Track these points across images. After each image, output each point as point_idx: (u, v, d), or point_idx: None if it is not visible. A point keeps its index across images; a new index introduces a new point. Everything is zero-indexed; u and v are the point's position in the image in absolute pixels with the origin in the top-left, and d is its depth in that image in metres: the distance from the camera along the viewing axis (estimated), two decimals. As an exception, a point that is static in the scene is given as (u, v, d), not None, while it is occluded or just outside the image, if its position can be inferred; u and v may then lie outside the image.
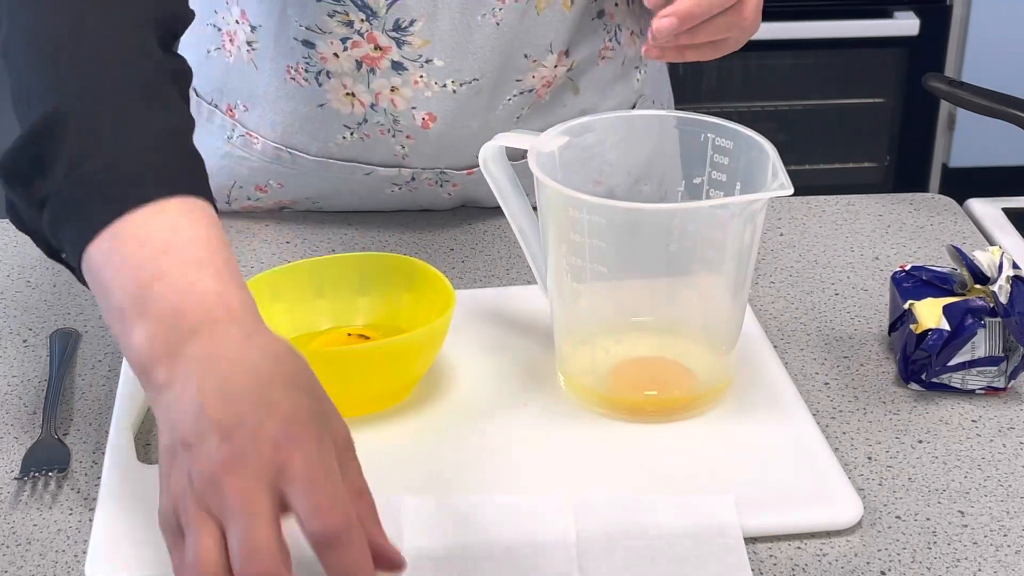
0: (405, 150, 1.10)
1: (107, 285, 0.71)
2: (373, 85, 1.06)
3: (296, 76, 1.08)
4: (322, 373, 0.72)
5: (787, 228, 1.17)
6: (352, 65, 1.06)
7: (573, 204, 0.84)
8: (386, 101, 1.07)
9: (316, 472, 0.65)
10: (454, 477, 0.85)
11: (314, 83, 1.08)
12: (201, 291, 0.69)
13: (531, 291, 1.01)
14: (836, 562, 0.80)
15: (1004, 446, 0.90)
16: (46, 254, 0.79)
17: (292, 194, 1.17)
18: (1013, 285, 0.92)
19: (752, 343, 0.97)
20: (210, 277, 0.70)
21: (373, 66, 1.05)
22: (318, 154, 1.12)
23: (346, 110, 1.09)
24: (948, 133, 2.78)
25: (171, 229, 0.71)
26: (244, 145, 1.14)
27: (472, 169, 1.13)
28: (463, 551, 0.78)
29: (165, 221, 0.72)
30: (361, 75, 1.06)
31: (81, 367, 0.98)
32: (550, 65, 1.08)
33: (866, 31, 2.66)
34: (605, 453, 0.87)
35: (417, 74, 1.05)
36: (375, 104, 1.07)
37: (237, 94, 1.13)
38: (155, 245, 0.70)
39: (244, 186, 1.17)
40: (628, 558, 0.77)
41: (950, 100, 1.24)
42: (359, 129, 1.10)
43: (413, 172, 1.13)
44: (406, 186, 1.14)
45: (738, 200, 0.86)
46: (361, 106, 1.08)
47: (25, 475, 0.86)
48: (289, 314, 0.94)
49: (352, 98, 1.08)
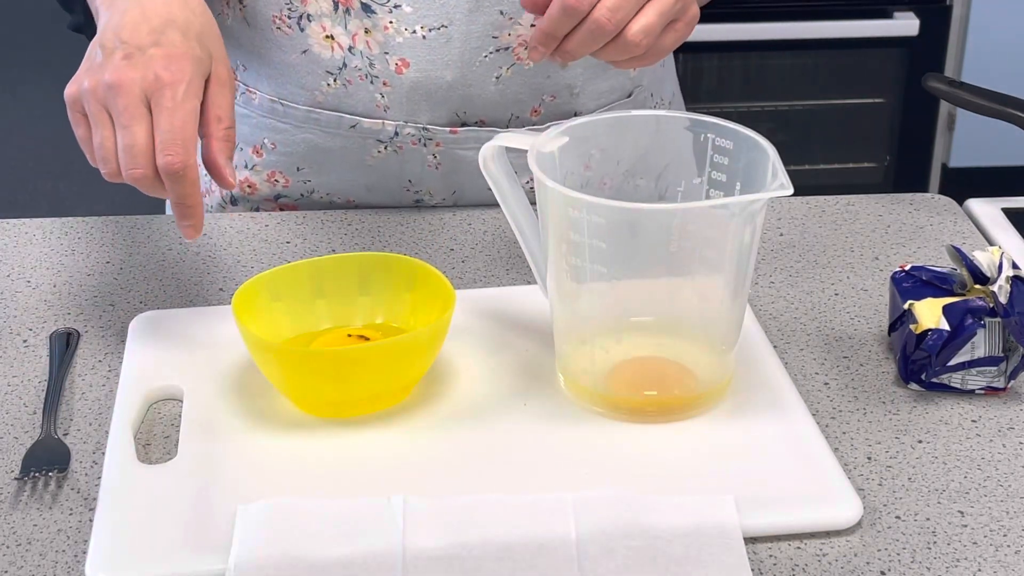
0: (385, 100, 1.13)
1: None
2: (349, 26, 1.11)
3: (282, 25, 1.13)
4: (322, 373, 0.74)
5: (787, 228, 1.17)
6: (329, 5, 1.10)
7: (573, 204, 0.84)
8: (362, 43, 1.11)
9: (175, 106, 0.88)
10: (454, 477, 0.85)
11: (296, 29, 1.12)
12: None
13: (531, 291, 1.01)
14: (836, 562, 0.80)
15: (1004, 446, 0.90)
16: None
17: (283, 159, 1.19)
18: (1013, 285, 0.92)
19: (752, 343, 0.97)
20: None
21: (348, 6, 1.10)
22: (306, 103, 1.16)
23: (326, 54, 1.13)
24: (948, 133, 2.78)
25: None
26: (245, 103, 1.19)
27: (456, 128, 1.15)
28: (463, 551, 0.78)
29: None
30: (338, 16, 1.10)
31: (81, 367, 0.98)
32: (526, 24, 1.10)
33: (866, 31, 2.66)
34: (605, 453, 0.87)
35: (387, 19, 1.09)
36: (352, 47, 1.11)
37: (236, 54, 1.18)
38: None
39: (244, 148, 1.21)
40: (628, 558, 0.77)
41: (950, 100, 1.24)
42: (340, 75, 1.13)
43: (396, 126, 1.15)
44: (390, 144, 1.16)
45: (738, 200, 0.86)
46: (340, 49, 1.12)
47: (25, 475, 0.86)
48: (289, 314, 0.94)
49: (331, 41, 1.12)
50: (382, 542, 0.78)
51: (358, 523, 0.79)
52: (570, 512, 0.80)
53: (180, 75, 0.89)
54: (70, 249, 1.14)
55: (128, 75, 0.88)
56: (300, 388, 0.89)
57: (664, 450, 0.87)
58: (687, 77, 2.68)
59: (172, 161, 0.87)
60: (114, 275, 1.10)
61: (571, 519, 0.80)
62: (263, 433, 0.88)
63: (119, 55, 0.89)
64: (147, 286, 1.08)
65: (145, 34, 0.90)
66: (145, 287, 1.08)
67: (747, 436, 0.88)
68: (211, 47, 0.93)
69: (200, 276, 1.09)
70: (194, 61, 0.90)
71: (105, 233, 1.16)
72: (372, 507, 0.81)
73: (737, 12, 2.62)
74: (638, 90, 1.19)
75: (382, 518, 0.80)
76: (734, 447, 0.87)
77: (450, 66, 1.11)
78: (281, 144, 1.19)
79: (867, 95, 2.75)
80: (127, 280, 1.09)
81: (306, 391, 0.89)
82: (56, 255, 1.13)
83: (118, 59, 0.89)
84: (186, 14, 0.93)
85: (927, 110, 2.73)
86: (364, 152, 1.17)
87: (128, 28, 0.91)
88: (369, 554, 0.77)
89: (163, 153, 0.87)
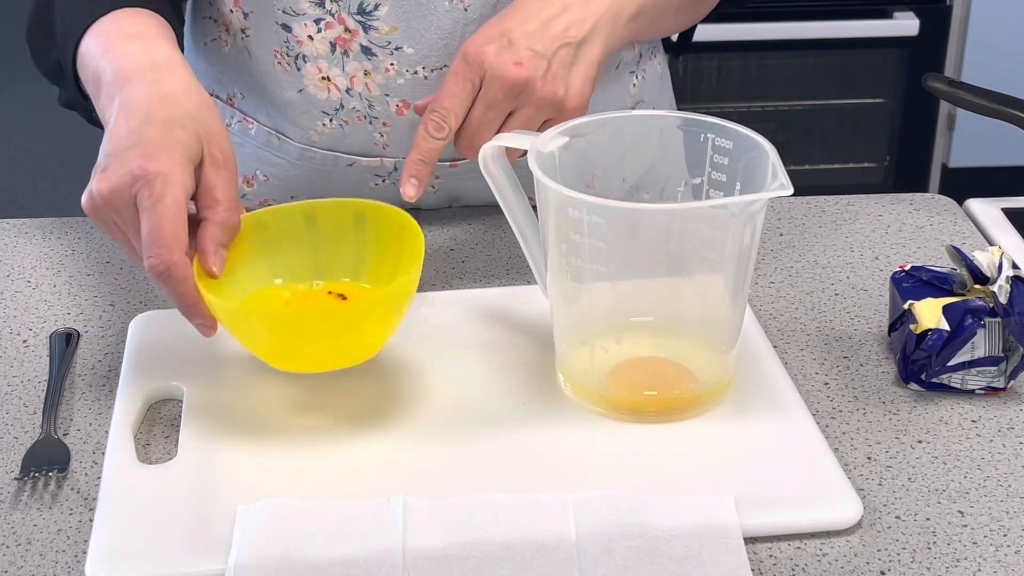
0: (384, 139, 1.12)
1: (89, 69, 0.96)
2: (347, 68, 1.08)
3: (281, 61, 1.11)
4: (284, 333, 0.87)
5: (787, 228, 1.17)
6: (327, 48, 1.08)
7: (573, 204, 0.84)
8: (360, 85, 1.09)
9: (152, 204, 0.85)
10: (454, 477, 0.85)
11: (293, 68, 1.10)
12: (132, 51, 0.94)
13: (531, 291, 1.01)
14: (836, 562, 0.80)
15: (1004, 446, 0.90)
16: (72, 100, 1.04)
17: (277, 191, 1.18)
18: (1013, 285, 0.92)
19: (752, 343, 0.97)
20: (138, 42, 0.95)
21: (346, 48, 1.07)
22: (301, 141, 1.14)
23: (322, 95, 1.10)
24: (948, 133, 2.78)
25: (115, 23, 0.97)
26: (241, 131, 1.17)
27: (455, 162, 1.13)
28: (463, 551, 0.78)
29: (112, 20, 0.98)
30: (335, 58, 1.08)
31: (81, 367, 0.98)
32: None
33: (866, 31, 2.66)
34: (605, 453, 0.87)
35: (388, 61, 1.07)
36: (350, 88, 1.09)
37: (234, 82, 1.16)
38: (105, 34, 0.97)
39: None
40: (628, 558, 0.77)
41: (950, 100, 1.24)
42: (337, 116, 1.11)
43: (395, 162, 1.14)
44: (389, 177, 1.15)
45: (738, 200, 0.86)
46: (336, 91, 1.10)
47: (25, 475, 0.86)
48: (269, 261, 0.94)
49: (327, 82, 1.09)
50: (382, 543, 0.78)
51: (358, 524, 0.79)
52: (570, 512, 0.80)
53: (155, 169, 0.85)
54: (70, 249, 1.14)
55: (109, 185, 0.86)
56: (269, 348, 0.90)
57: (664, 450, 0.87)
58: (687, 77, 2.68)
59: (153, 263, 0.84)
60: (114, 275, 1.10)
61: (571, 519, 0.80)
62: (263, 433, 0.88)
63: (103, 165, 0.88)
64: (147, 286, 1.08)
65: (124, 136, 0.88)
66: (145, 287, 1.08)
67: (747, 436, 0.88)
68: (202, 129, 0.90)
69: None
70: (174, 150, 0.87)
71: (105, 233, 1.16)
72: (372, 508, 0.81)
73: (737, 12, 2.62)
74: (639, 105, 1.19)
75: (382, 519, 0.80)
76: (734, 447, 0.87)
77: None
78: (275, 177, 1.17)
79: (867, 95, 2.75)
80: (127, 280, 1.09)
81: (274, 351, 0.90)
82: (56, 255, 1.13)
83: (102, 170, 0.87)
84: (168, 104, 0.90)
85: (927, 110, 2.73)
86: (362, 184, 1.16)
87: (112, 138, 0.89)
88: (369, 555, 0.77)
89: (145, 256, 0.85)
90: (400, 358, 0.96)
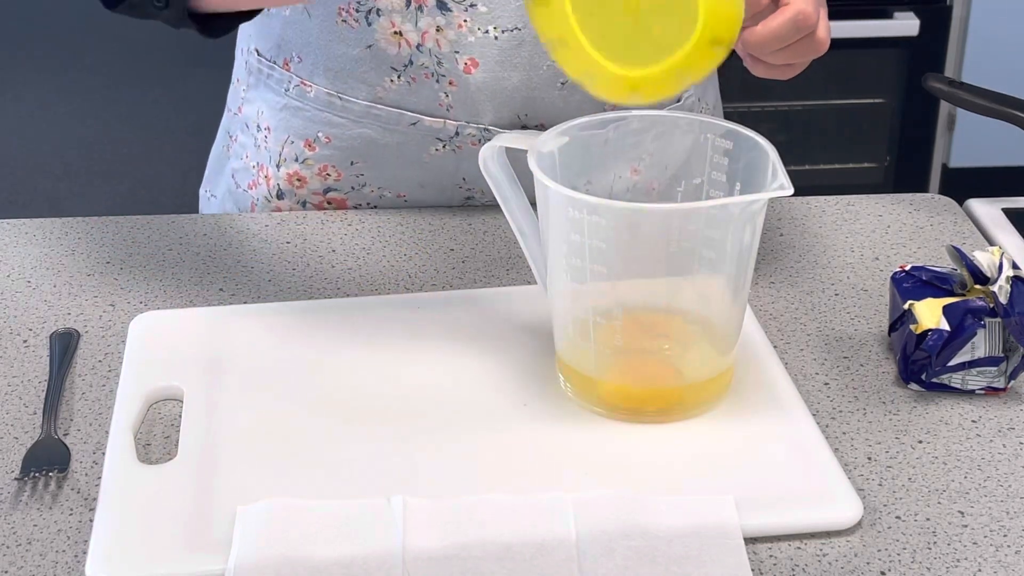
0: (449, 99, 1.13)
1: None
2: (420, 23, 1.10)
3: (347, 18, 1.12)
4: None
5: (787, 228, 1.17)
6: (401, 1, 1.10)
7: (573, 204, 0.84)
8: (431, 41, 1.10)
9: None
10: (454, 477, 0.85)
11: (363, 23, 1.12)
12: None
13: (531, 291, 1.01)
14: (836, 562, 0.80)
15: (1004, 446, 0.90)
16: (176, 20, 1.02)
17: (337, 156, 1.18)
18: (1013, 285, 0.92)
19: (752, 343, 0.97)
20: None
21: (421, 3, 1.09)
22: (367, 98, 1.15)
23: (393, 50, 1.12)
24: (948, 133, 2.78)
25: None
26: (299, 95, 1.18)
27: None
28: (463, 551, 0.78)
29: None
30: (409, 13, 1.10)
31: (81, 367, 0.98)
32: None
33: (866, 31, 2.66)
34: (605, 453, 0.87)
35: (461, 17, 1.09)
36: (421, 44, 1.11)
37: (292, 46, 1.18)
38: None
39: (295, 141, 1.20)
40: (628, 558, 0.77)
41: (950, 100, 1.24)
42: (405, 72, 1.13)
43: (458, 126, 1.15)
44: (450, 143, 1.16)
45: (738, 200, 0.86)
46: (408, 46, 1.11)
47: (25, 475, 0.86)
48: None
49: (399, 37, 1.11)
50: (382, 543, 0.78)
51: (358, 524, 0.79)
52: (570, 512, 0.80)
53: None
54: (70, 249, 1.14)
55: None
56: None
57: (664, 450, 0.87)
58: (687, 77, 2.67)
59: None
60: (114, 275, 1.10)
61: (571, 519, 0.80)
62: (263, 433, 0.89)
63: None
64: (147, 286, 1.08)
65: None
66: (145, 287, 1.08)
67: (747, 436, 0.88)
68: None
69: (200, 276, 1.09)
70: None
71: (105, 233, 1.16)
72: (372, 508, 0.81)
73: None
74: (686, 95, 1.20)
75: (382, 519, 0.80)
76: (734, 447, 0.87)
77: (518, 69, 1.11)
78: (336, 138, 1.18)
79: (867, 95, 2.75)
80: (127, 280, 1.09)
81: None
82: (56, 255, 1.13)
83: None
84: None
85: (927, 110, 2.73)
86: (422, 150, 1.17)
87: None
88: (369, 555, 0.77)
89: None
90: (400, 358, 0.96)
